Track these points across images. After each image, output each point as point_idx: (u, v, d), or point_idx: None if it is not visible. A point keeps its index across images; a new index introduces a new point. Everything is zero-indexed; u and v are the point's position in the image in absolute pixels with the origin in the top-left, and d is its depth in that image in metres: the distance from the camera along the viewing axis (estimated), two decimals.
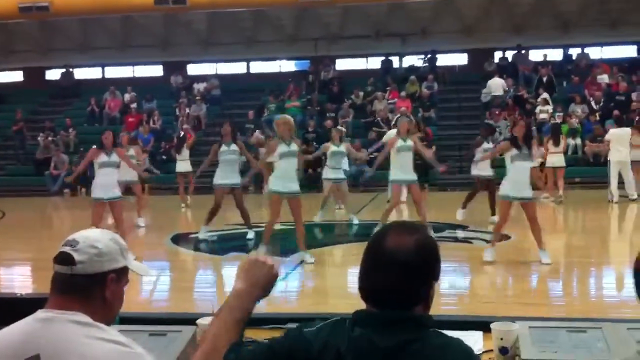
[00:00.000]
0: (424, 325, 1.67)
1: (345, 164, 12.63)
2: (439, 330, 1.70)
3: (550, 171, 14.13)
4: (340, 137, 12.57)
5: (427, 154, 10.79)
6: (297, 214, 8.39)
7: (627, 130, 14.27)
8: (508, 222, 8.44)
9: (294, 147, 8.39)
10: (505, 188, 8.15)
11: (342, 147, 12.10)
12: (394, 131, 13.48)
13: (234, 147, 10.45)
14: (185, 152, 14.75)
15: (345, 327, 1.69)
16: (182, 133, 14.50)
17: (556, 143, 14.05)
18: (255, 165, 10.72)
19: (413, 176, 9.85)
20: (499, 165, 10.24)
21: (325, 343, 1.67)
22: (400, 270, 1.66)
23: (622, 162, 13.86)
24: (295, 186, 8.39)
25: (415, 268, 1.68)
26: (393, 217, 10.71)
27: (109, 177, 9.36)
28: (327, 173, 12.20)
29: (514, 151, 8.05)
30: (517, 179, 8.05)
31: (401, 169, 9.80)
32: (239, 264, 1.90)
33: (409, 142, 9.83)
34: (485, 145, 11.18)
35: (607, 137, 14.34)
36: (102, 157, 9.35)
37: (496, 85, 20.62)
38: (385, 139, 13.76)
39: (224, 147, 10.45)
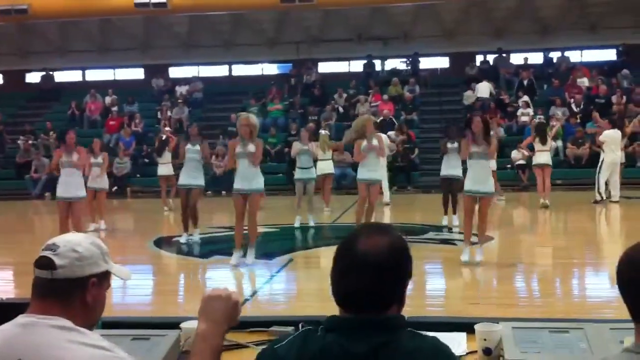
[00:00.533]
0: (397, 326, 1.66)
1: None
2: (414, 330, 1.69)
3: (539, 171, 13.97)
4: (309, 137, 12.57)
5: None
6: (251, 211, 8.40)
7: (619, 132, 14.33)
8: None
9: (251, 147, 8.34)
10: (467, 184, 8.27)
11: (307, 146, 12.10)
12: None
13: (197, 147, 10.44)
14: (167, 155, 14.67)
15: (317, 335, 1.68)
16: (163, 136, 14.38)
17: (543, 142, 14.02)
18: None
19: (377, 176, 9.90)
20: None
21: (299, 355, 1.66)
22: (374, 271, 1.65)
23: (615, 164, 13.98)
24: (250, 184, 8.35)
25: (389, 268, 1.68)
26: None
27: (70, 177, 9.54)
28: (297, 173, 12.17)
29: (473, 148, 8.12)
30: (473, 173, 8.17)
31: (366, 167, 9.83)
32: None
33: (374, 142, 9.83)
34: (450, 145, 11.11)
35: (601, 138, 14.30)
36: (64, 157, 9.61)
37: (483, 88, 20.78)
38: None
39: (189, 146, 10.44)
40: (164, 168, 14.79)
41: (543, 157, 13.97)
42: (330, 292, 1.71)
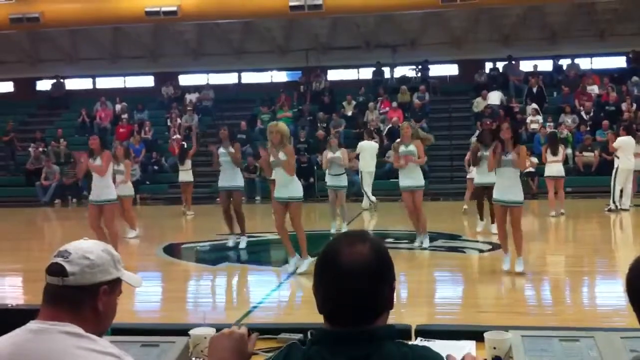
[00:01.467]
0: (382, 338, 1.64)
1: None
2: (402, 341, 1.67)
3: (550, 182, 13.70)
4: (339, 143, 12.61)
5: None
6: (295, 221, 8.36)
7: (633, 139, 14.01)
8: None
9: (282, 155, 8.31)
10: (495, 193, 8.17)
11: (338, 153, 12.01)
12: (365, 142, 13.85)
13: (230, 149, 10.45)
14: (188, 163, 14.86)
15: (301, 348, 1.67)
16: (184, 144, 14.51)
17: (554, 152, 13.75)
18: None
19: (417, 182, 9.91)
20: None
21: None
22: (362, 284, 1.63)
23: (630, 171, 13.79)
24: (287, 192, 8.32)
25: (378, 274, 1.66)
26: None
27: (98, 180, 9.46)
28: (328, 180, 12.11)
29: (502, 156, 8.00)
30: (502, 182, 8.07)
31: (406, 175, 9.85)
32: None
33: (411, 148, 9.83)
34: (483, 152, 11.01)
35: (615, 144, 13.98)
36: (90, 161, 9.55)
37: (494, 97, 20.80)
38: (358, 149, 14.06)
39: (221, 150, 10.47)
40: (184, 175, 15.04)
41: (554, 168, 13.67)
42: (320, 308, 1.68)
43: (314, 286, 1.71)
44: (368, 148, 15.10)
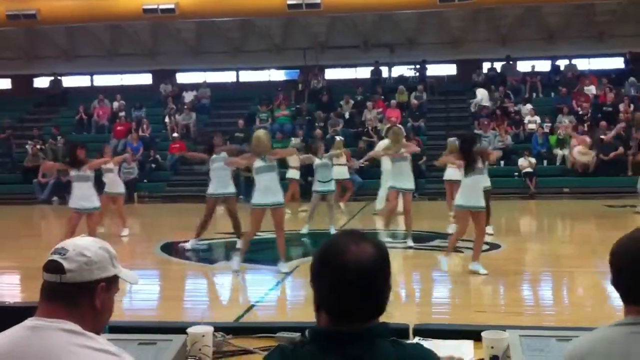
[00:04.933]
0: (377, 336, 1.64)
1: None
2: (397, 339, 1.68)
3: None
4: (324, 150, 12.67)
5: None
6: (278, 225, 8.50)
7: None
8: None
9: (270, 161, 8.41)
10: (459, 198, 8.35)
11: (326, 160, 12.10)
12: (385, 141, 13.70)
13: (223, 154, 10.46)
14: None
15: (292, 349, 1.67)
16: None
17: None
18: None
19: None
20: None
21: None
22: (370, 279, 1.63)
23: None
24: (277, 198, 8.44)
25: (382, 273, 1.66)
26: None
27: (81, 190, 9.76)
28: (315, 185, 12.14)
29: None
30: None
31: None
32: None
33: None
34: None
35: None
36: (73, 172, 9.81)
37: (483, 96, 20.83)
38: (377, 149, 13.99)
39: (214, 156, 10.48)
40: None
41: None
42: (316, 303, 1.68)
43: (313, 281, 1.69)
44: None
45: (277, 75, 25.44)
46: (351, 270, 1.62)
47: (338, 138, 14.95)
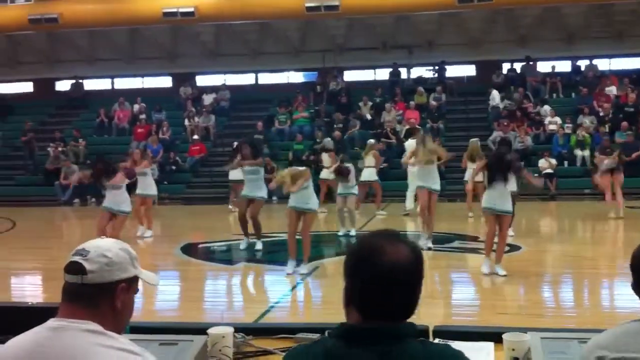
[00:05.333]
0: (407, 335, 1.66)
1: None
2: (424, 340, 1.70)
3: None
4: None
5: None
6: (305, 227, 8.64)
7: None
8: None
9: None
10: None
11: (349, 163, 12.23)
12: (412, 142, 13.70)
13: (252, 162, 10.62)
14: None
15: (324, 344, 1.69)
16: (235, 143, 14.60)
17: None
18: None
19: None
20: None
21: None
22: (406, 279, 1.66)
23: None
24: (308, 203, 8.61)
25: (417, 274, 1.69)
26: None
27: (114, 196, 10.38)
28: (339, 188, 12.13)
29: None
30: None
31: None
32: None
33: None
34: None
35: None
36: (105, 181, 10.49)
37: (496, 97, 20.76)
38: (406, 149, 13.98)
39: (247, 167, 10.67)
40: (233, 173, 15.25)
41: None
42: (347, 298, 1.69)
43: (347, 276, 1.71)
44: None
45: (296, 77, 25.47)
46: (386, 269, 1.64)
47: (370, 141, 15.10)
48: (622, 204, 13.10)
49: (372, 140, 15.49)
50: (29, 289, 8.99)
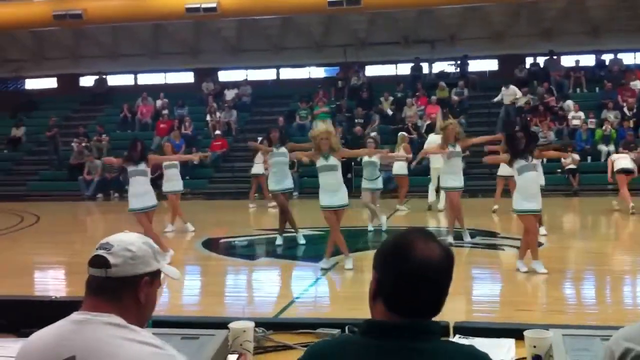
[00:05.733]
0: (435, 332, 1.67)
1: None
2: (448, 340, 1.70)
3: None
4: (376, 147, 12.45)
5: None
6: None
7: None
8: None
9: (333, 160, 8.38)
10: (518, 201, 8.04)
11: (375, 158, 11.86)
12: (435, 136, 13.63)
13: (283, 149, 10.51)
14: (259, 156, 15.08)
15: (352, 338, 1.70)
16: (259, 138, 14.69)
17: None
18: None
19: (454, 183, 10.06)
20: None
21: (338, 356, 1.67)
22: (437, 276, 1.67)
23: None
24: (339, 199, 8.40)
25: (448, 272, 1.70)
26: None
27: (139, 186, 9.34)
28: (364, 183, 12.00)
29: (520, 162, 7.94)
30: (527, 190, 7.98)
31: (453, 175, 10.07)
32: None
33: (458, 148, 10.01)
34: None
35: None
36: (131, 167, 9.40)
37: (514, 92, 20.58)
38: (426, 145, 13.86)
39: (274, 150, 10.56)
40: (256, 167, 15.35)
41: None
42: (374, 291, 1.70)
43: (377, 270, 1.72)
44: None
45: (317, 72, 25.45)
46: (417, 265, 1.65)
47: (401, 133, 15.03)
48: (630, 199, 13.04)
49: (403, 133, 15.38)
50: (52, 283, 9.10)
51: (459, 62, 23.14)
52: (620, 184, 13.44)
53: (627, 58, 22.66)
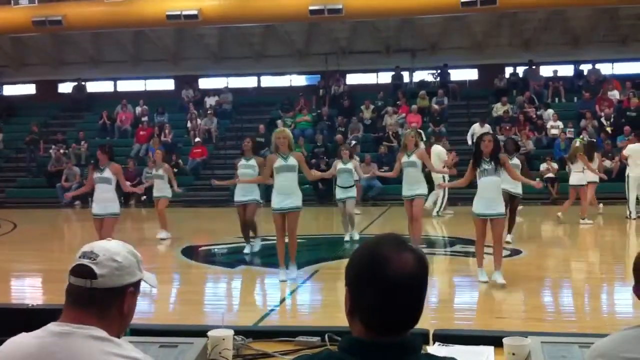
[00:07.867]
0: (414, 348, 1.61)
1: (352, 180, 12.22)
2: (430, 354, 1.67)
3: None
4: (350, 154, 12.38)
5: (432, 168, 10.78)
6: (290, 228, 8.24)
7: None
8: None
9: (292, 161, 8.23)
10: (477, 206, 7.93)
11: (350, 165, 11.75)
12: (440, 148, 13.63)
13: (252, 162, 10.38)
14: (253, 160, 14.99)
15: (335, 355, 1.62)
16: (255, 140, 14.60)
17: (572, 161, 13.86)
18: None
19: (413, 191, 9.85)
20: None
21: None
22: (413, 291, 1.60)
23: (638, 178, 13.72)
24: (292, 201, 8.17)
25: (423, 284, 1.62)
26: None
27: (102, 193, 9.36)
28: (338, 192, 11.82)
29: (482, 166, 7.81)
30: (486, 195, 7.85)
31: (406, 184, 9.85)
32: None
33: (413, 158, 9.78)
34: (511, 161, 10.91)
35: (625, 152, 14.18)
36: (96, 173, 9.42)
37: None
38: (433, 155, 13.84)
39: (242, 162, 10.42)
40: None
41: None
42: (350, 307, 1.62)
43: (350, 286, 1.63)
44: (439, 152, 14.94)
45: (299, 80, 25.49)
46: (394, 282, 1.57)
47: (344, 146, 14.84)
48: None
49: (347, 145, 15.29)
50: (28, 290, 9.00)
51: (439, 71, 23.30)
52: (572, 196, 13.55)
53: (605, 68, 22.95)
